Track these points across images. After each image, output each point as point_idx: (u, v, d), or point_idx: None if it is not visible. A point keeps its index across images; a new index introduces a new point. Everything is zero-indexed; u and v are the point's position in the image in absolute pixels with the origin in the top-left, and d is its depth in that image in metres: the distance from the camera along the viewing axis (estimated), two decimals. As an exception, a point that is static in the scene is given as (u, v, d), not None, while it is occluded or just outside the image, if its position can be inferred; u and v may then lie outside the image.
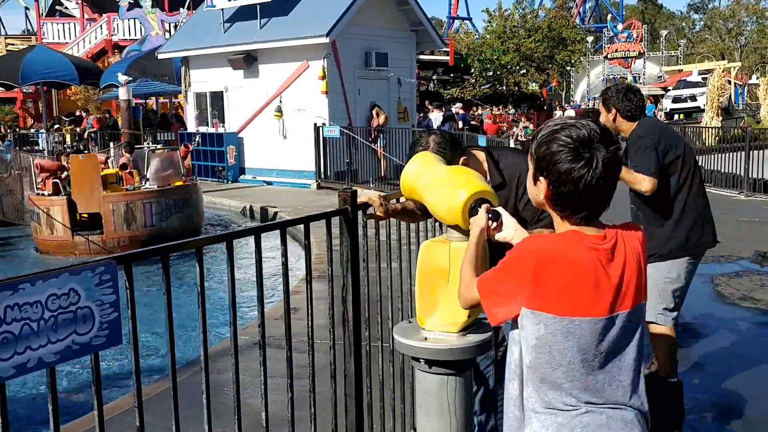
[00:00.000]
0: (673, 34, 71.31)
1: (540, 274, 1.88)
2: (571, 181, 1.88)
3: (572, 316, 1.88)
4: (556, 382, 1.92)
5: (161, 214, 12.85)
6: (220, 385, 4.97)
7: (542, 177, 1.93)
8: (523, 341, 1.95)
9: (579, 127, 1.91)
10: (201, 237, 2.26)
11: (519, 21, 38.10)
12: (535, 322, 1.90)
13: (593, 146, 1.88)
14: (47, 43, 32.88)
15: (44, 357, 1.84)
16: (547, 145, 1.92)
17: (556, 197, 1.92)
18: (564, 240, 1.92)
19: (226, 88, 20.04)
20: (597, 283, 1.89)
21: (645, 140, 4.33)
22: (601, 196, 1.91)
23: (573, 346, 1.89)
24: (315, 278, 2.87)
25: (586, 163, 1.86)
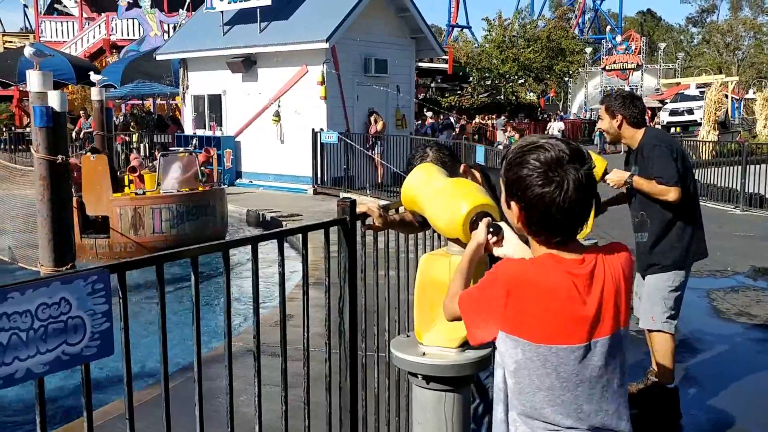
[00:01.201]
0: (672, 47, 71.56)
1: (511, 300, 1.83)
2: (543, 206, 1.82)
3: (548, 344, 1.83)
4: (537, 407, 1.87)
5: (171, 220, 12.38)
6: (213, 391, 4.91)
7: (514, 201, 1.89)
8: (504, 366, 1.91)
9: (548, 149, 1.84)
10: (196, 246, 2.21)
11: (518, 31, 38.19)
12: (513, 346, 1.87)
13: (564, 168, 1.82)
14: (45, 41, 32.82)
15: (33, 368, 1.79)
16: (517, 168, 1.86)
17: (530, 221, 1.87)
18: (539, 265, 1.87)
19: (224, 91, 20.00)
20: (573, 310, 1.84)
21: (661, 149, 4.33)
22: (575, 218, 1.85)
23: (551, 372, 1.85)
24: (311, 284, 2.82)
25: (557, 187, 1.80)
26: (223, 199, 13.53)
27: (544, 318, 1.82)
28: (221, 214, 13.40)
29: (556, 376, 1.85)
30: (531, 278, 1.83)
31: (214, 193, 13.35)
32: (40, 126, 8.91)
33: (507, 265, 1.90)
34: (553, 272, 1.84)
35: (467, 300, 1.98)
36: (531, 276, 1.84)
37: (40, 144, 8.89)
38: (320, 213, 14.41)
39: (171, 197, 12.57)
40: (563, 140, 1.87)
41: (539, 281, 1.83)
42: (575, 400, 1.87)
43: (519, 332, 1.84)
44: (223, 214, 13.52)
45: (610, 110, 4.50)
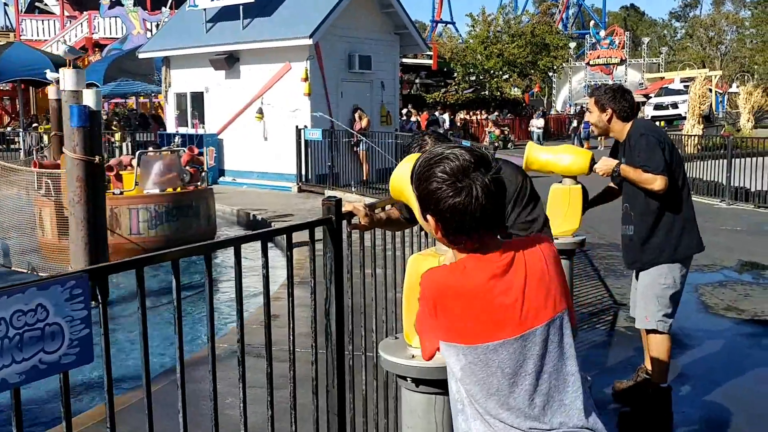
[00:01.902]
0: (655, 41, 71.94)
1: (439, 307, 1.86)
2: (457, 215, 1.84)
3: (483, 342, 1.84)
4: (493, 412, 1.86)
5: (149, 221, 11.97)
6: (197, 394, 4.85)
7: (429, 215, 1.90)
8: (451, 375, 1.93)
9: (452, 159, 1.85)
10: (178, 248, 2.15)
11: (503, 26, 38.22)
12: (453, 353, 1.87)
13: (470, 176, 1.84)
14: (26, 40, 32.52)
15: (8, 377, 1.72)
16: (426, 183, 1.88)
17: (447, 231, 1.89)
18: (456, 269, 1.89)
19: (206, 88, 19.88)
20: (498, 304, 1.84)
21: (648, 138, 4.27)
22: (489, 220, 1.87)
23: (496, 371, 1.84)
24: (296, 284, 2.77)
25: (467, 195, 1.82)
26: (209, 199, 13.16)
27: (471, 318, 1.84)
28: (206, 215, 13.01)
29: (502, 374, 1.84)
30: (451, 283, 1.86)
31: (198, 194, 12.91)
32: (78, 126, 8.70)
33: (428, 275, 1.93)
34: (472, 272, 1.86)
35: (417, 317, 2.01)
36: (450, 281, 1.86)
37: (78, 144, 8.70)
38: (305, 211, 14.34)
39: (149, 197, 12.20)
40: (468, 148, 1.90)
41: (459, 284, 1.85)
42: (527, 396, 1.85)
43: (453, 338, 1.86)
44: (209, 215, 13.14)
45: (599, 103, 4.43)
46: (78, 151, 8.71)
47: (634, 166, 4.27)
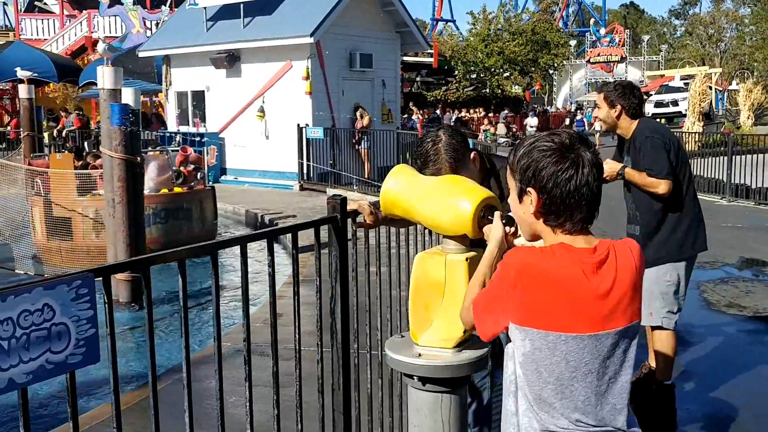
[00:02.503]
0: (655, 39, 71.88)
1: (521, 288, 1.83)
2: (561, 183, 1.83)
3: (557, 332, 1.82)
4: (547, 400, 1.86)
5: None
6: (202, 393, 4.84)
7: (530, 188, 1.88)
8: (513, 357, 1.91)
9: (556, 134, 1.90)
10: (184, 248, 2.14)
11: (503, 24, 38.19)
12: (521, 337, 1.85)
13: (576, 148, 1.86)
14: (25, 39, 32.48)
15: (15, 378, 1.72)
16: (528, 155, 1.89)
17: (548, 204, 1.86)
18: (548, 253, 1.85)
19: (207, 87, 19.85)
20: (581, 299, 1.83)
21: (653, 140, 4.25)
22: (591, 199, 1.87)
23: (560, 362, 1.84)
24: (301, 281, 2.76)
25: (573, 163, 1.84)
26: (206, 201, 12.78)
27: (552, 306, 1.82)
28: (200, 217, 12.61)
29: (566, 365, 1.84)
30: (540, 266, 1.82)
31: (191, 196, 12.51)
32: (119, 125, 8.55)
33: (516, 254, 1.89)
34: (563, 260, 1.83)
35: (479, 296, 1.99)
36: (540, 264, 1.83)
37: (119, 144, 8.56)
38: (307, 209, 14.32)
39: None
40: (562, 131, 1.93)
41: (548, 269, 1.82)
42: (584, 391, 1.86)
43: (528, 322, 1.84)
44: (205, 217, 12.73)
45: (608, 99, 4.41)
46: (120, 150, 8.55)
47: (638, 169, 4.27)
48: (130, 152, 8.69)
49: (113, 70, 8.90)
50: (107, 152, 8.74)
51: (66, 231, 11.60)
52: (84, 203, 11.55)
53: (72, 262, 11.24)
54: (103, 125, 8.93)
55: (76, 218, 11.51)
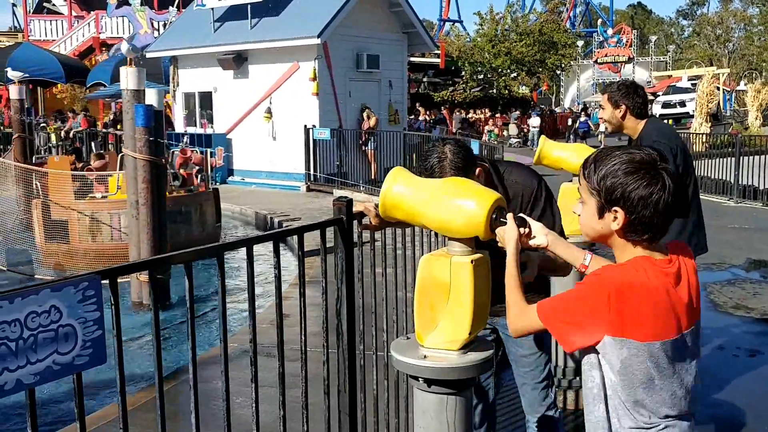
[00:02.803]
0: (662, 39, 71.70)
1: (621, 304, 1.91)
2: (651, 205, 1.92)
3: (652, 341, 1.95)
4: (640, 401, 1.99)
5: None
6: (208, 394, 4.85)
7: (618, 207, 1.95)
8: (605, 365, 2.00)
9: (634, 153, 1.96)
10: (190, 250, 2.15)
11: (510, 25, 38.14)
12: (618, 347, 1.96)
13: (659, 167, 1.94)
14: (34, 40, 32.61)
15: (23, 378, 1.72)
16: (613, 176, 1.94)
17: (635, 224, 1.95)
18: (640, 268, 1.95)
19: (215, 88, 19.89)
20: (671, 308, 1.96)
21: (660, 145, 4.24)
22: (672, 216, 1.97)
23: (652, 366, 1.97)
24: (306, 282, 2.77)
25: (662, 184, 1.92)
26: (206, 204, 12.56)
27: (648, 318, 1.93)
28: (200, 220, 12.39)
29: (656, 368, 1.96)
30: (638, 281, 1.92)
31: (190, 199, 12.23)
32: (144, 126, 8.48)
33: (611, 272, 1.97)
34: (652, 273, 1.95)
35: (560, 311, 2.03)
36: (638, 279, 1.92)
37: (144, 145, 8.49)
38: (314, 211, 14.34)
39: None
40: (636, 146, 2.01)
41: (644, 283, 1.93)
42: (670, 388, 1.99)
43: (625, 333, 1.93)
44: (205, 220, 12.50)
45: (612, 100, 4.39)
46: (144, 151, 8.49)
47: None
48: (154, 153, 8.63)
49: (137, 71, 8.77)
50: (131, 153, 8.64)
51: (63, 234, 11.45)
52: (80, 206, 11.40)
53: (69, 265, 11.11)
54: (126, 126, 8.84)
55: (72, 221, 11.37)
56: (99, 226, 11.36)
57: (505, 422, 4.50)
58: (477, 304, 2.34)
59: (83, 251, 11.26)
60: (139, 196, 8.69)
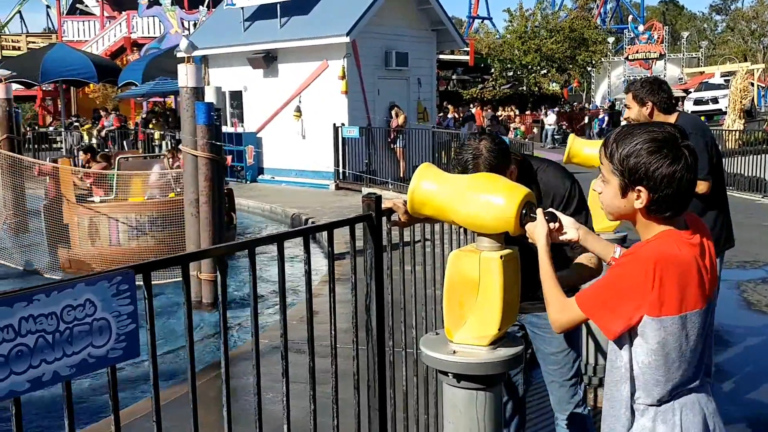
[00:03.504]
0: (695, 35, 70.75)
1: (663, 280, 1.93)
2: (674, 183, 1.93)
3: (686, 312, 1.97)
4: (671, 377, 2.00)
5: (130, 232, 10.99)
6: (238, 389, 4.90)
7: (641, 186, 1.96)
8: (639, 346, 2.01)
9: (656, 132, 1.96)
10: (222, 245, 2.18)
11: (540, 21, 37.90)
12: (657, 327, 1.96)
13: (680, 145, 1.94)
14: (67, 41, 33.06)
15: (59, 370, 1.76)
16: (636, 155, 1.95)
17: (659, 202, 1.95)
18: (673, 241, 1.97)
19: (245, 87, 20.01)
20: (700, 277, 1.99)
21: (696, 138, 4.20)
22: (693, 193, 2.00)
23: (684, 340, 1.99)
24: (336, 279, 2.78)
25: (684, 163, 1.93)
26: None
27: (685, 289, 1.96)
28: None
29: (686, 341, 1.99)
30: (670, 254, 1.94)
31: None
32: (206, 123, 8.45)
33: (649, 249, 1.97)
34: (683, 246, 1.97)
35: (600, 298, 2.03)
36: (673, 253, 1.95)
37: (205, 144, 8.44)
38: (343, 208, 14.38)
39: (129, 206, 11.19)
40: (657, 123, 2.03)
41: (676, 255, 1.95)
42: (694, 359, 2.04)
43: (663, 310, 1.95)
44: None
45: (638, 98, 4.35)
46: (206, 149, 8.47)
47: None
48: (216, 151, 8.61)
49: (195, 68, 8.73)
50: (191, 151, 8.58)
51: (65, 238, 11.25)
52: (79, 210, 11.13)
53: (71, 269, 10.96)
54: (186, 124, 8.71)
55: (73, 225, 11.12)
56: (97, 231, 10.98)
57: (536, 419, 4.49)
58: (506, 300, 2.34)
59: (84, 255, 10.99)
60: (200, 194, 8.63)
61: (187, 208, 8.81)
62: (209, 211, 8.62)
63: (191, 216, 8.77)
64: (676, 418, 2.02)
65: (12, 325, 1.66)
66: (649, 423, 2.03)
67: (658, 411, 2.03)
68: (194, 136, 8.53)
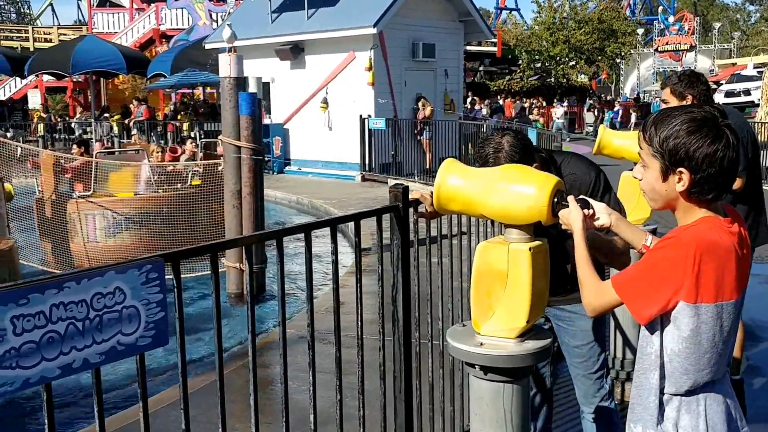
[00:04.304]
0: (727, 26, 69.65)
1: (702, 266, 1.89)
2: (716, 162, 1.88)
3: (722, 301, 1.93)
4: (700, 367, 1.97)
5: (106, 228, 10.59)
6: (263, 379, 4.92)
7: (682, 168, 1.91)
8: (671, 333, 1.98)
9: (694, 112, 1.92)
10: (250, 235, 2.19)
11: (569, 12, 37.56)
12: (691, 314, 1.93)
13: (720, 124, 1.90)
14: (97, 32, 33.33)
15: (89, 357, 1.78)
16: (676, 136, 1.91)
17: (702, 183, 1.91)
18: (715, 228, 1.94)
19: (272, 79, 20.06)
20: (739, 267, 1.95)
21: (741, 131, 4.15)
22: (735, 173, 1.95)
23: (718, 330, 1.95)
24: (362, 270, 2.78)
25: (725, 142, 1.89)
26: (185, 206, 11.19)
27: (721, 278, 1.92)
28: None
29: (719, 330, 1.96)
30: (711, 241, 1.90)
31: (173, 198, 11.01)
32: (250, 114, 8.36)
33: (690, 233, 1.93)
34: (724, 233, 1.94)
35: (636, 281, 2.00)
36: (714, 239, 1.91)
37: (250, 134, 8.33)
38: (369, 200, 14.39)
39: (107, 202, 10.75)
40: (695, 104, 1.98)
41: (717, 242, 1.91)
42: (725, 349, 2.00)
43: (699, 297, 1.91)
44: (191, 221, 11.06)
45: (677, 92, 4.28)
46: (250, 140, 8.37)
47: None
48: (258, 142, 8.53)
49: (237, 59, 8.60)
50: (234, 142, 8.42)
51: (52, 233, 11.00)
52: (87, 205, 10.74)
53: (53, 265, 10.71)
54: (228, 115, 8.56)
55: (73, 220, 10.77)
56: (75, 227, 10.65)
57: (563, 412, 4.46)
58: (535, 292, 2.32)
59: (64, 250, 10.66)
60: (244, 185, 8.53)
61: (229, 200, 8.67)
62: (252, 202, 8.53)
63: (233, 208, 8.62)
64: (700, 408, 2.00)
65: (43, 312, 1.67)
66: (673, 413, 2.01)
67: (683, 401, 2.00)
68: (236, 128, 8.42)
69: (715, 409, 2.01)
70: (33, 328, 1.66)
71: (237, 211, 8.60)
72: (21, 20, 52.48)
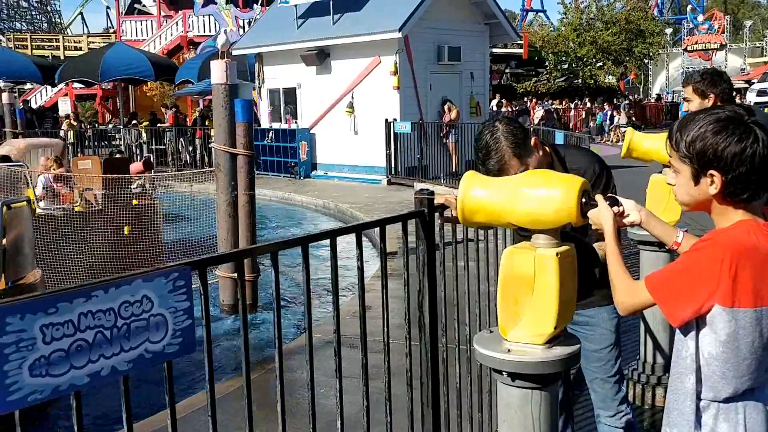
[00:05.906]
0: (758, 24, 68.71)
1: (735, 269, 1.85)
2: (747, 160, 1.85)
3: (761, 307, 1.89)
4: (739, 373, 1.92)
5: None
6: (290, 384, 4.93)
7: (713, 170, 1.88)
8: (707, 336, 1.93)
9: (719, 113, 1.89)
10: (276, 241, 2.19)
11: (596, 13, 37.33)
12: (728, 318, 1.89)
13: (747, 121, 1.86)
14: (126, 40, 33.73)
15: (117, 365, 1.78)
16: (702, 138, 1.88)
17: (735, 183, 1.87)
18: (753, 231, 1.90)
19: (299, 84, 20.17)
20: None
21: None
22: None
23: (758, 336, 1.91)
24: (389, 275, 2.78)
25: (754, 138, 1.85)
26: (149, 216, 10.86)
27: (759, 282, 1.87)
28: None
29: (760, 336, 1.90)
30: (749, 244, 1.87)
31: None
32: (246, 121, 8.36)
33: (726, 236, 1.90)
34: (762, 237, 1.89)
35: (670, 282, 1.96)
36: (748, 242, 1.87)
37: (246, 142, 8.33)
38: (395, 204, 14.38)
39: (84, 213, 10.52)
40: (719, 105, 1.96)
41: (755, 246, 1.87)
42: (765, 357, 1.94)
43: (736, 302, 1.87)
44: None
45: (699, 91, 4.24)
46: (246, 146, 8.37)
47: None
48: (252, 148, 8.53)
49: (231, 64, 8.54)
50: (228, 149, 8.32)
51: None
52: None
53: None
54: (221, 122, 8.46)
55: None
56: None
57: (577, 417, 4.42)
58: (562, 298, 2.30)
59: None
60: (242, 192, 8.42)
61: (224, 209, 8.42)
62: (249, 211, 8.45)
63: (228, 217, 8.40)
64: (739, 416, 1.94)
65: (72, 321, 1.69)
66: (711, 420, 1.96)
67: (721, 408, 1.95)
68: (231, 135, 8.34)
69: (755, 418, 1.96)
70: (62, 337, 1.67)
71: (232, 220, 8.40)
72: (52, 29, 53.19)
